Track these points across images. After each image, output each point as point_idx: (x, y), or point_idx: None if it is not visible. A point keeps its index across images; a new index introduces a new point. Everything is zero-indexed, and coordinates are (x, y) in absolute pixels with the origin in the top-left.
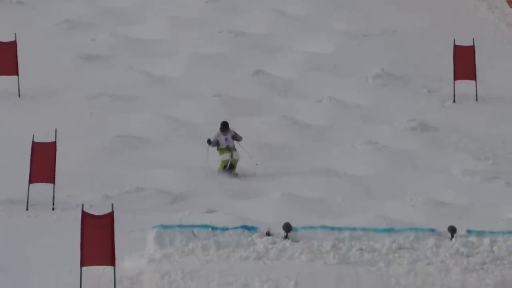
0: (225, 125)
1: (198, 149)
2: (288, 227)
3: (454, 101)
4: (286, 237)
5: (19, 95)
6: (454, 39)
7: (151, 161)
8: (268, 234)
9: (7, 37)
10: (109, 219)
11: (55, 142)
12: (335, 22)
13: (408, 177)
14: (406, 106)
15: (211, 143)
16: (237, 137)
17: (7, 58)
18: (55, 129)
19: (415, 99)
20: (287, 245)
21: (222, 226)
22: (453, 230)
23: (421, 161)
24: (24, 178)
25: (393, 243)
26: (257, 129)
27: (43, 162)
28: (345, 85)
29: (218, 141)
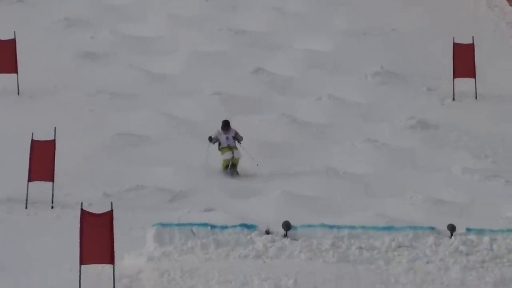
0: (226, 124)
1: (198, 147)
2: (287, 226)
3: (453, 99)
4: (285, 236)
5: (18, 93)
6: (453, 37)
7: (151, 159)
8: (267, 232)
9: (6, 35)
10: (108, 217)
11: (54, 140)
12: (334, 20)
13: (407, 175)
14: (405, 104)
15: (212, 140)
16: (238, 138)
17: (6, 56)
18: (55, 127)
19: (415, 97)
20: (287, 244)
21: (221, 224)
22: (452, 228)
23: (420, 159)
24: (23, 176)
25: (393, 241)
26: (257, 127)
27: (42, 160)
28: (345, 83)
29: (219, 140)
